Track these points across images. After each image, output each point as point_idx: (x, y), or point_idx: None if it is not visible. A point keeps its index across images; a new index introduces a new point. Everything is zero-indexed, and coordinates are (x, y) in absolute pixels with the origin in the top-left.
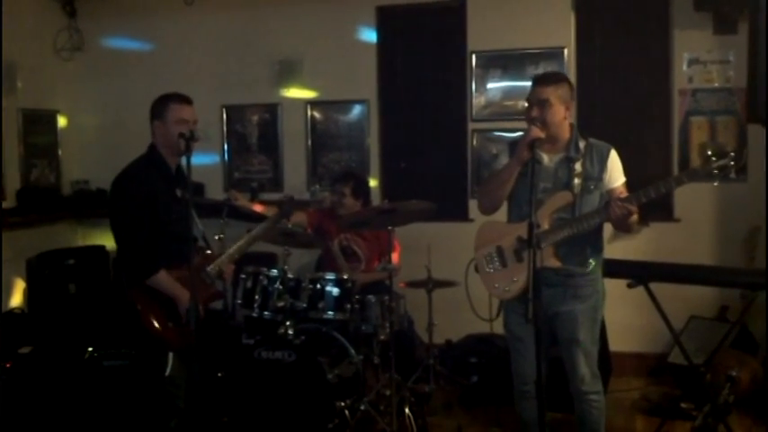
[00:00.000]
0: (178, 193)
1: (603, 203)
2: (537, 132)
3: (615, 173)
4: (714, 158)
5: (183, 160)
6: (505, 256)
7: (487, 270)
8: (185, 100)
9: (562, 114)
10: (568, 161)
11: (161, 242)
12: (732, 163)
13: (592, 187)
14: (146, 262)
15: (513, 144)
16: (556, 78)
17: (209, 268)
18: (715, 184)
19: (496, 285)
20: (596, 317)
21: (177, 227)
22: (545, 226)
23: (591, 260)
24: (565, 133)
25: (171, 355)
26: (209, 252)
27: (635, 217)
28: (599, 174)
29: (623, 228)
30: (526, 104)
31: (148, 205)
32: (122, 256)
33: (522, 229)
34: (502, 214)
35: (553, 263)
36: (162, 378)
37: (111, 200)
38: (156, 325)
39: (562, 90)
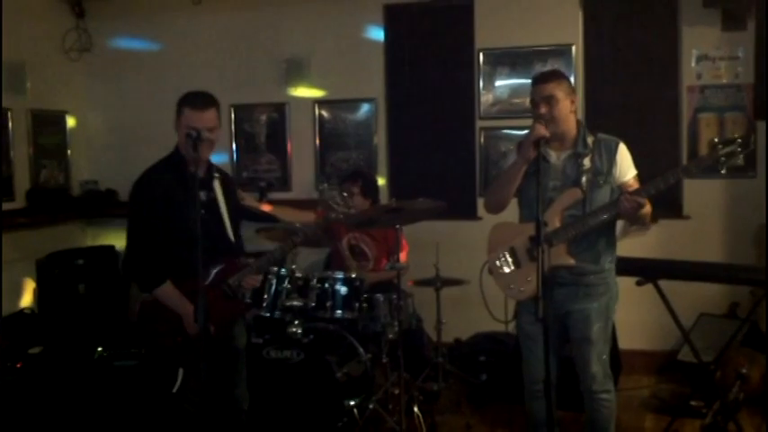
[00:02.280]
0: (202, 196)
1: (615, 198)
2: (542, 131)
3: (625, 166)
4: (721, 146)
5: (213, 159)
6: (519, 257)
7: (501, 272)
8: (201, 105)
9: (568, 108)
10: (576, 157)
11: (175, 249)
12: (739, 149)
13: (601, 182)
14: (150, 273)
15: (521, 144)
16: (556, 75)
17: (230, 280)
18: (722, 171)
19: (512, 286)
20: (609, 316)
21: (196, 231)
22: (556, 224)
23: (604, 257)
24: (572, 129)
25: (180, 371)
26: (231, 260)
27: (648, 209)
28: (608, 168)
29: (637, 221)
30: (530, 104)
31: (160, 212)
32: (129, 263)
33: (533, 229)
34: (513, 215)
35: (566, 260)
36: (170, 393)
37: (128, 204)
38: (165, 337)
39: (564, 85)
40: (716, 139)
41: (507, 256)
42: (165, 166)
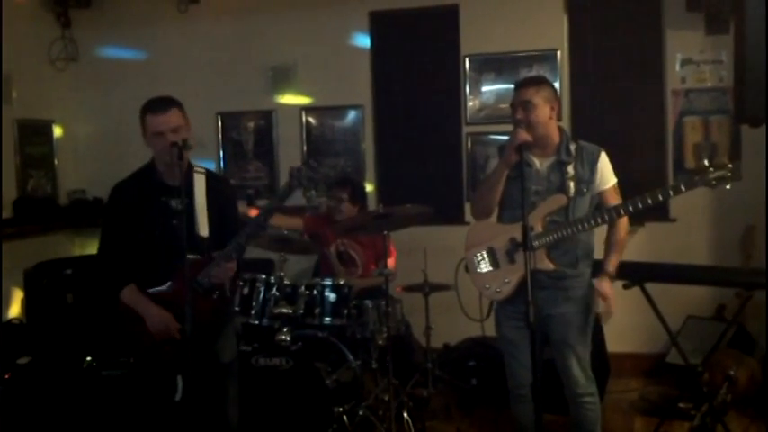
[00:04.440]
0: (173, 204)
1: (596, 208)
2: (524, 135)
3: (606, 175)
4: (712, 169)
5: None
6: (497, 257)
7: (478, 270)
8: (161, 107)
9: (547, 114)
10: (560, 165)
11: (140, 257)
12: (729, 174)
13: (584, 190)
14: (111, 277)
15: (503, 148)
16: (537, 81)
17: (198, 277)
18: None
19: (487, 286)
20: (588, 318)
21: (167, 240)
22: (538, 228)
23: (582, 261)
24: (554, 136)
25: (180, 378)
26: (197, 257)
27: (625, 222)
28: (590, 176)
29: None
30: (510, 109)
31: (126, 219)
32: (97, 270)
33: (514, 230)
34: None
35: (546, 265)
36: (171, 402)
37: None
38: (145, 338)
39: (545, 91)
40: (706, 162)
41: (486, 255)
42: (135, 177)
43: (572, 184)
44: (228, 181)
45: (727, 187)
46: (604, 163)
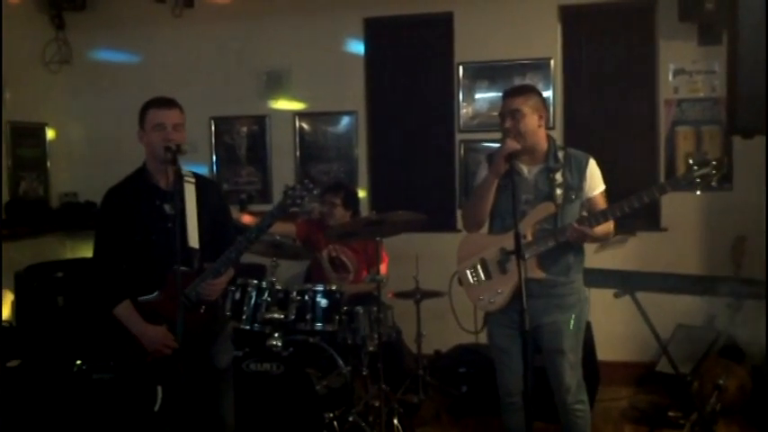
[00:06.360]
0: (166, 209)
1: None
2: (513, 144)
3: (595, 181)
4: (696, 167)
5: (184, 169)
6: (489, 268)
7: (472, 282)
8: (165, 103)
9: (536, 123)
10: (548, 171)
11: (136, 265)
12: (714, 172)
13: (573, 197)
14: (105, 291)
15: (491, 156)
16: (524, 89)
17: (187, 290)
18: (698, 192)
19: (481, 297)
20: (580, 326)
21: (162, 244)
22: (528, 237)
23: (573, 269)
24: (542, 144)
25: (159, 389)
26: (186, 270)
27: (610, 227)
28: (579, 183)
29: (596, 241)
30: (499, 118)
31: (121, 223)
32: (91, 283)
33: (504, 241)
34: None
35: (537, 274)
36: (152, 412)
37: None
38: (133, 357)
39: (532, 100)
40: (690, 161)
41: (478, 267)
42: (127, 183)
43: (560, 192)
44: (217, 185)
45: (714, 184)
46: (593, 169)
